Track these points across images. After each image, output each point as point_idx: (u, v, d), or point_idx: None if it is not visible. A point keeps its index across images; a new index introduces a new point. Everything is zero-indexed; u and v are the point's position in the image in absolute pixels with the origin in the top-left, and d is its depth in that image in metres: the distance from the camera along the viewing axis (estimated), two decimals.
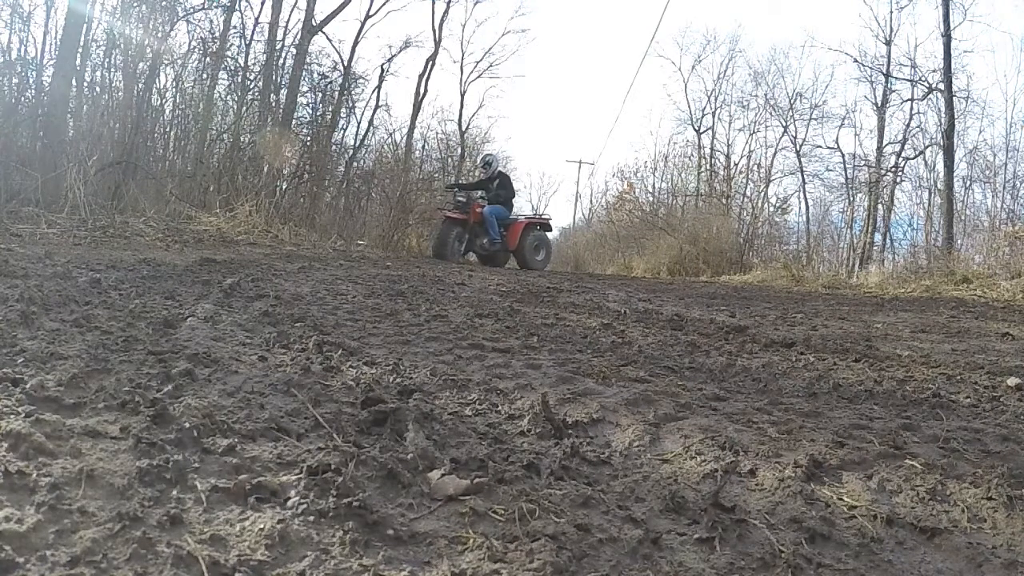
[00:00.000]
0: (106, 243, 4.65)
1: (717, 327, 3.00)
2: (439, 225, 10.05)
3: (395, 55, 13.88)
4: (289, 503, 0.86)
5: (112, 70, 7.59)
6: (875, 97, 14.69)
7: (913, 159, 13.51)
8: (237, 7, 10.00)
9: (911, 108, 13.79)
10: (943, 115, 11.95)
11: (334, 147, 11.92)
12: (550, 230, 11.32)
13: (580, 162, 30.10)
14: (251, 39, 10.38)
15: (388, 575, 0.74)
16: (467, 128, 17.76)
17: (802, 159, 16.02)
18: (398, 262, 6.86)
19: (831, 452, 1.22)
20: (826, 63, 29.78)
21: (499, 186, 10.18)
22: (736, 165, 17.77)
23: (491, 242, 9.87)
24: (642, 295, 4.95)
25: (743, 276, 10.26)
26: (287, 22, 10.84)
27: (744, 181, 16.87)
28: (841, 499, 1.05)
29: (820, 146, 16.03)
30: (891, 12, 14.06)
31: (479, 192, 10.10)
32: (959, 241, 10.07)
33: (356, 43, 12.56)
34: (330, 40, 12.81)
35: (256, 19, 10.49)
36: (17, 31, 6.96)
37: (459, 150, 17.03)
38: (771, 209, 15.46)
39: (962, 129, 12.15)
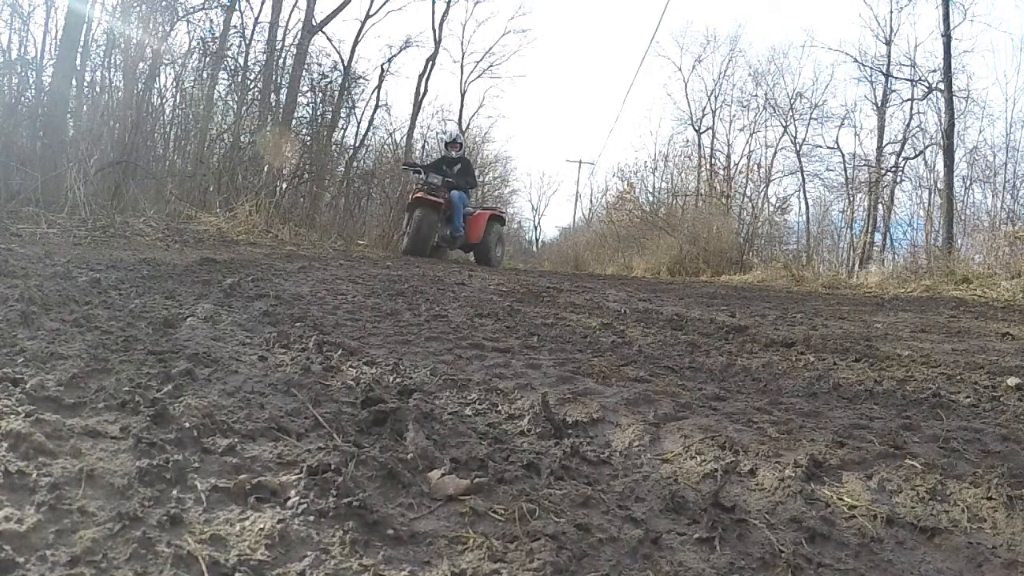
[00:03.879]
0: (106, 243, 4.65)
1: (717, 327, 3.00)
2: (412, 212, 8.19)
3: (395, 55, 13.93)
4: (289, 503, 0.86)
5: (112, 70, 7.61)
6: (875, 97, 14.73)
7: (913, 159, 13.54)
8: (237, 7, 10.03)
9: (911, 108, 13.82)
10: (943, 115, 11.94)
11: (334, 147, 11.94)
12: (504, 224, 10.05)
13: (580, 162, 30.23)
14: (251, 39, 10.41)
15: (388, 575, 0.74)
16: (467, 128, 17.79)
17: (802, 159, 16.05)
18: (398, 262, 6.85)
19: (831, 452, 1.22)
20: (826, 63, 29.99)
21: (461, 172, 8.68)
22: (736, 165, 17.79)
23: (453, 233, 8.42)
24: (642, 295, 4.94)
25: (743, 276, 10.23)
26: (287, 22, 10.89)
27: (744, 181, 16.90)
28: (841, 499, 1.05)
29: (820, 146, 16.06)
30: (891, 12, 14.09)
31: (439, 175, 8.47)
32: (959, 241, 10.06)
33: (356, 43, 12.60)
34: (330, 40, 12.83)
35: (256, 19, 10.53)
36: (17, 31, 6.98)
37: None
38: (771, 209, 15.48)
39: (962, 129, 12.16)
